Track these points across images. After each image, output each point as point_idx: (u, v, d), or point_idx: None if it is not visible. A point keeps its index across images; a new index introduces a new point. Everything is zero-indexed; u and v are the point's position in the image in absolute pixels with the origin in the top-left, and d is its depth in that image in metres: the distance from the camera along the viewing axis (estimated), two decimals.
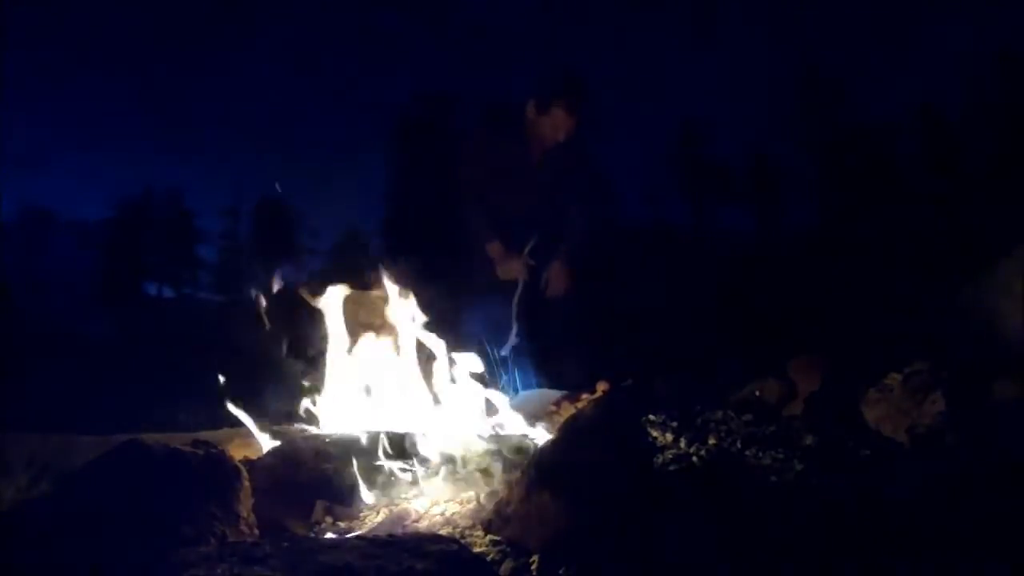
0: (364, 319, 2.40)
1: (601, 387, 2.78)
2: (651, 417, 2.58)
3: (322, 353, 2.34)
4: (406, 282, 2.46)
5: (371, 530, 1.72)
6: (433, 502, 1.84)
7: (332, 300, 2.39)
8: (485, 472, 1.91)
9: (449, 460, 1.92)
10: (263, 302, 2.35)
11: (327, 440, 1.96)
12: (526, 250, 3.06)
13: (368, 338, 2.37)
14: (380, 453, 1.93)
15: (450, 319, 2.59)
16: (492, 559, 1.48)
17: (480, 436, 2.04)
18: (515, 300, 2.93)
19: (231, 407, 2.12)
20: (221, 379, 2.12)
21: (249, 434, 2.20)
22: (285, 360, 2.35)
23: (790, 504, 1.71)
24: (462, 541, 1.49)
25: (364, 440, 1.95)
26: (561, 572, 1.39)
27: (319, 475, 1.87)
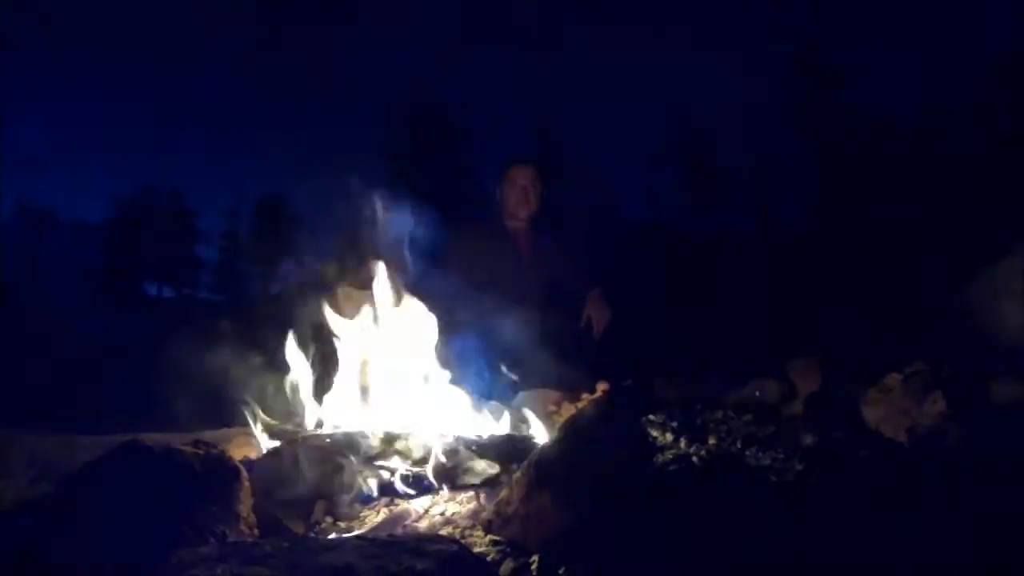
0: (364, 318, 2.40)
1: (601, 387, 2.78)
2: (651, 417, 2.57)
3: (322, 353, 2.34)
4: (406, 282, 2.46)
5: (371, 530, 1.72)
6: (433, 502, 1.84)
7: (333, 299, 2.39)
8: (484, 472, 1.91)
9: (449, 460, 1.92)
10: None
11: (327, 440, 1.96)
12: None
13: (367, 338, 2.36)
14: (380, 453, 1.92)
15: (449, 319, 2.59)
16: (492, 559, 1.48)
17: (478, 436, 2.04)
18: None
19: (231, 406, 2.12)
20: (222, 379, 2.12)
21: (249, 434, 2.20)
22: (283, 360, 2.34)
23: (790, 504, 1.71)
24: (462, 541, 1.48)
25: (364, 440, 1.95)
26: (561, 572, 1.39)
27: (319, 475, 1.87)
